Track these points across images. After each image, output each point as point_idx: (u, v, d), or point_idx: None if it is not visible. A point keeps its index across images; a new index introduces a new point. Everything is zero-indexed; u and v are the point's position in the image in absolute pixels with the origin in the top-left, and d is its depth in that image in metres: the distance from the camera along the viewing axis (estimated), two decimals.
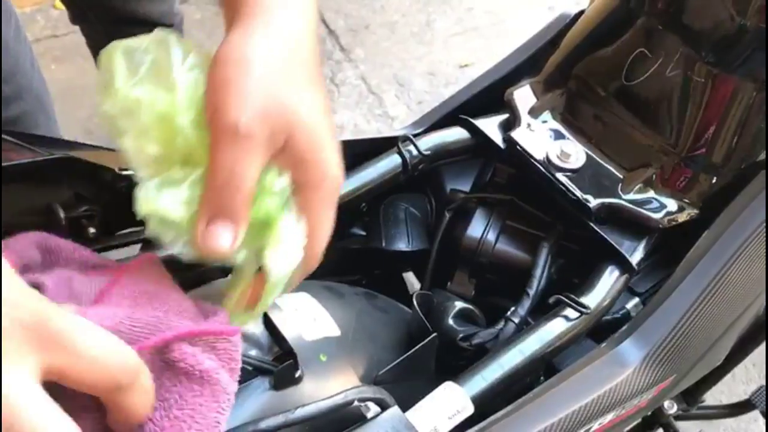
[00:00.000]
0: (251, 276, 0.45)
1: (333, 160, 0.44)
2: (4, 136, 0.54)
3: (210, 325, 0.41)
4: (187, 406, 0.39)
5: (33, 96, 0.87)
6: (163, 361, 0.39)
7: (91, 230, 0.52)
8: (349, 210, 0.70)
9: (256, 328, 0.51)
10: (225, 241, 0.40)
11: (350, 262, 0.76)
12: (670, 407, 0.96)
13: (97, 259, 0.48)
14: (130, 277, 0.46)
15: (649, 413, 0.94)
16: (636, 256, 0.63)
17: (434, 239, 0.71)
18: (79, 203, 0.52)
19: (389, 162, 0.68)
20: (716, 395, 1.45)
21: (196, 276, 0.55)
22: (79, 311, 0.39)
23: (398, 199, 0.74)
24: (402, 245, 0.71)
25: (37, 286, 0.43)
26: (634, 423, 0.83)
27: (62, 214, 0.49)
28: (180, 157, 0.42)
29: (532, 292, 0.63)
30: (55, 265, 0.46)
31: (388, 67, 2.07)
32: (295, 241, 0.43)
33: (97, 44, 1.42)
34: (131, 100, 0.41)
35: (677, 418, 1.01)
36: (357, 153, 0.70)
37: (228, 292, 0.46)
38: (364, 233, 0.76)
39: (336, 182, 0.44)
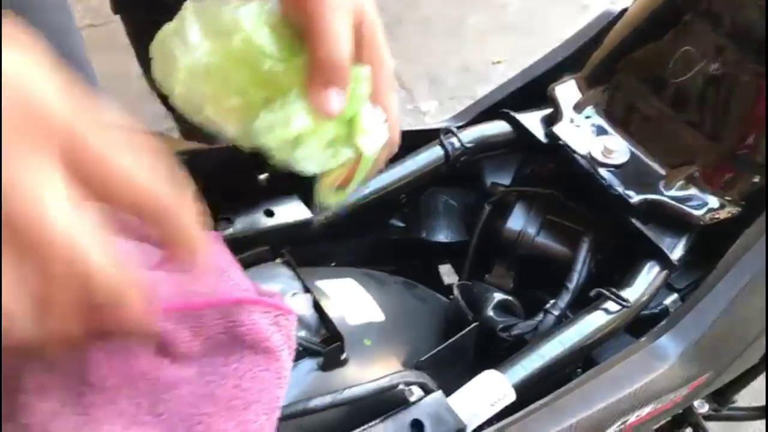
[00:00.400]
0: (345, 160, 0.48)
1: (387, 52, 0.48)
2: None
3: (275, 300, 0.43)
4: (256, 379, 0.40)
5: (86, 83, 0.88)
6: (229, 330, 0.41)
7: None
8: (388, 201, 0.72)
9: (306, 310, 0.52)
10: (337, 104, 0.44)
11: (388, 252, 0.77)
12: (701, 406, 0.96)
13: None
14: None
15: (680, 411, 0.94)
16: (676, 253, 0.63)
17: (474, 231, 0.71)
18: None
19: (431, 154, 0.69)
20: (745, 398, 1.44)
21: (249, 257, 0.56)
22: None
23: (438, 192, 0.75)
24: (442, 237, 0.72)
25: None
26: (667, 418, 0.84)
27: None
28: (264, 93, 0.44)
29: (572, 285, 0.64)
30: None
31: (421, 63, 2.07)
32: (379, 122, 0.47)
33: (138, 32, 1.44)
34: (199, 68, 0.43)
35: (707, 418, 1.01)
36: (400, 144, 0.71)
37: (323, 176, 0.49)
38: (402, 225, 0.77)
39: (391, 72, 0.49)
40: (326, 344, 0.52)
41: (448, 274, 0.84)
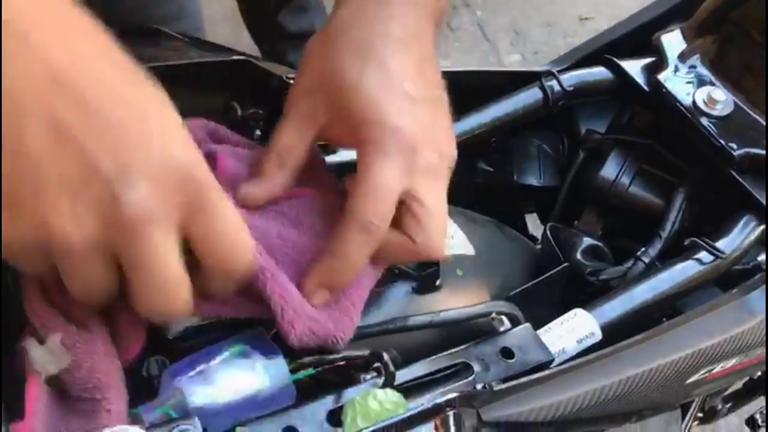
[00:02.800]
0: None
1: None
2: (182, 36, 0.58)
3: None
4: None
5: (192, 18, 0.91)
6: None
7: (257, 132, 0.56)
8: (481, 142, 0.72)
9: None
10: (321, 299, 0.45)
11: (474, 196, 0.78)
12: None
13: (257, 144, 0.53)
14: None
15: (756, 376, 0.93)
16: None
17: (566, 177, 0.72)
18: (247, 106, 0.56)
19: (530, 96, 0.69)
20: None
21: None
22: None
23: (530, 135, 0.75)
24: (533, 180, 0.73)
25: (210, 155, 0.48)
26: (752, 374, 0.83)
27: (239, 112, 0.53)
28: None
29: (664, 234, 0.63)
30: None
31: (506, 15, 2.05)
32: None
33: None
34: None
35: None
36: (496, 85, 0.71)
37: None
38: (490, 169, 0.78)
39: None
40: (421, 269, 0.54)
41: (532, 224, 0.84)
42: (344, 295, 0.45)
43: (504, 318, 0.53)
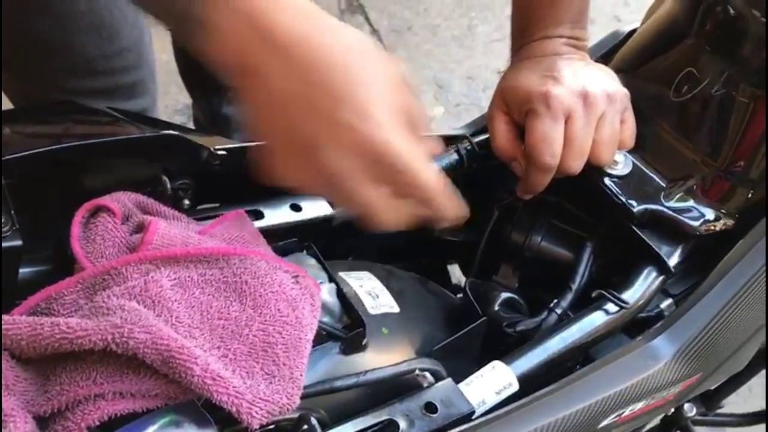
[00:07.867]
0: None
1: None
2: (117, 113, 0.60)
3: (290, 264, 0.51)
4: (277, 323, 0.48)
5: (148, 67, 0.94)
6: (260, 281, 0.50)
7: (186, 202, 0.58)
8: None
9: (330, 298, 0.57)
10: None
11: (401, 250, 0.81)
12: (690, 410, 1.01)
13: (183, 216, 0.55)
14: (225, 225, 0.53)
15: (670, 412, 0.99)
16: (673, 260, 0.68)
17: (483, 233, 0.76)
18: (176, 176, 0.58)
19: (447, 159, 0.73)
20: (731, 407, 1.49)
21: (279, 248, 0.60)
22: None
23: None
24: (454, 236, 0.77)
25: (141, 224, 0.51)
26: (658, 417, 0.88)
27: (169, 185, 0.55)
28: None
29: (574, 286, 0.68)
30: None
31: (429, 69, 2.12)
32: None
33: None
34: None
35: (695, 422, 1.05)
36: None
37: None
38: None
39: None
40: (348, 330, 0.57)
41: (455, 273, 0.88)
42: (287, 363, 0.47)
43: (427, 374, 0.56)
